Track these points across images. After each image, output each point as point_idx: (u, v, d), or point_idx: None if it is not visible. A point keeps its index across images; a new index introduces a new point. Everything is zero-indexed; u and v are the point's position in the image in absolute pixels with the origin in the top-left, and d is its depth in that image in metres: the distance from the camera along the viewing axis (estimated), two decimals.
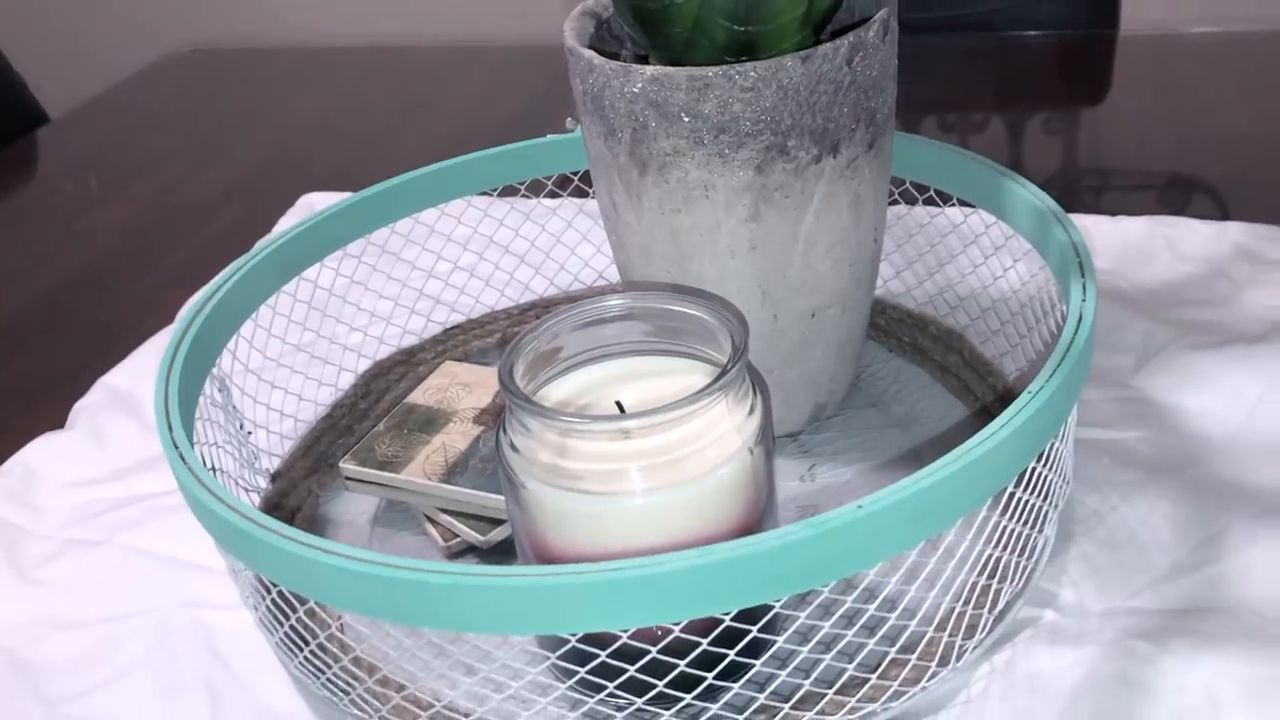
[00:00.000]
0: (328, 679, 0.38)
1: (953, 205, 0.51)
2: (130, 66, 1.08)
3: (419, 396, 0.50)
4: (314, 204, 0.72)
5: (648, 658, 0.31)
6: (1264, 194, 0.64)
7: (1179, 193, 0.67)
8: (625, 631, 0.31)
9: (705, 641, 0.31)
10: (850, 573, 0.31)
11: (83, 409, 0.56)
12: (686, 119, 0.40)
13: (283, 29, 1.67)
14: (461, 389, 0.50)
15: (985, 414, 0.48)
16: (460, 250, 0.57)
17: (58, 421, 0.56)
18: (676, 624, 0.30)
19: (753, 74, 0.39)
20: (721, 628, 0.31)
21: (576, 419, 0.33)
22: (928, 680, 0.35)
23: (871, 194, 0.44)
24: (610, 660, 0.31)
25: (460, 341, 0.56)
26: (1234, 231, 0.59)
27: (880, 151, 0.44)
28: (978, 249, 0.53)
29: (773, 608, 0.32)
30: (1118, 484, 0.44)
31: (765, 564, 0.29)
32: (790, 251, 0.43)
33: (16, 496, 0.51)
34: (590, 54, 0.42)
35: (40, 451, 0.53)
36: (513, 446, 0.34)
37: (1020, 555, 0.37)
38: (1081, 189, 0.69)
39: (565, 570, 0.29)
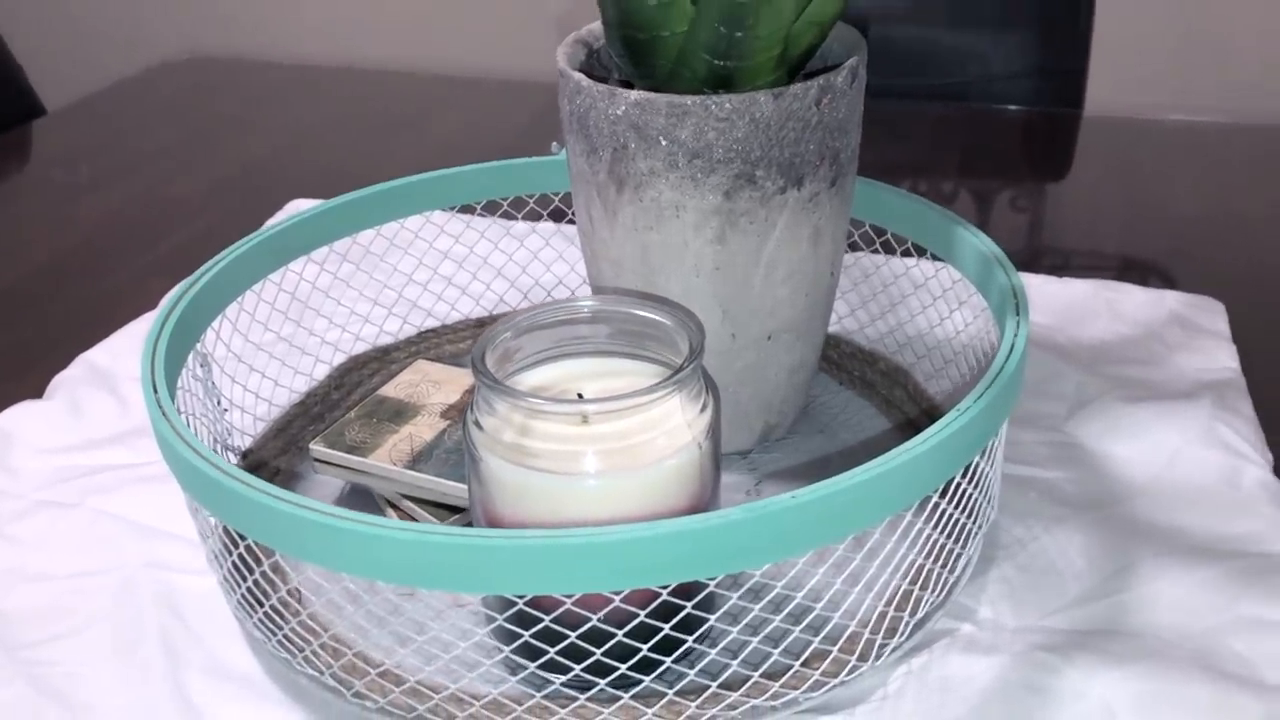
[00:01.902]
0: (282, 637, 0.40)
1: (909, 256, 0.54)
2: (130, 69, 1.11)
3: (390, 390, 0.52)
4: (301, 210, 0.75)
5: (588, 625, 0.34)
6: (1205, 270, 0.68)
7: (1129, 272, 0.70)
8: (569, 597, 0.33)
9: (643, 613, 0.33)
10: (782, 557, 0.33)
11: (62, 381, 0.58)
12: (664, 142, 0.43)
13: (281, 45, 1.71)
14: (432, 385, 0.53)
15: None
16: (441, 258, 0.60)
17: (36, 394, 0.57)
18: (617, 594, 0.33)
19: (728, 105, 0.42)
20: (658, 601, 0.33)
21: (540, 400, 0.36)
22: (847, 674, 0.38)
23: (830, 229, 0.47)
24: (553, 625, 0.33)
25: (434, 344, 0.59)
26: (1171, 300, 0.63)
27: (841, 190, 0.47)
28: (927, 292, 0.56)
29: (707, 585, 0.35)
30: (1042, 517, 0.47)
31: (703, 541, 0.32)
32: (751, 275, 0.46)
33: None
34: (579, 76, 0.45)
35: (17, 418, 0.55)
36: (477, 424, 0.37)
37: (943, 567, 0.40)
38: (1039, 266, 0.72)
39: (516, 534, 0.32)
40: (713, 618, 0.35)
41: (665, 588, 0.33)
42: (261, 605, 0.41)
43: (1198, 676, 0.38)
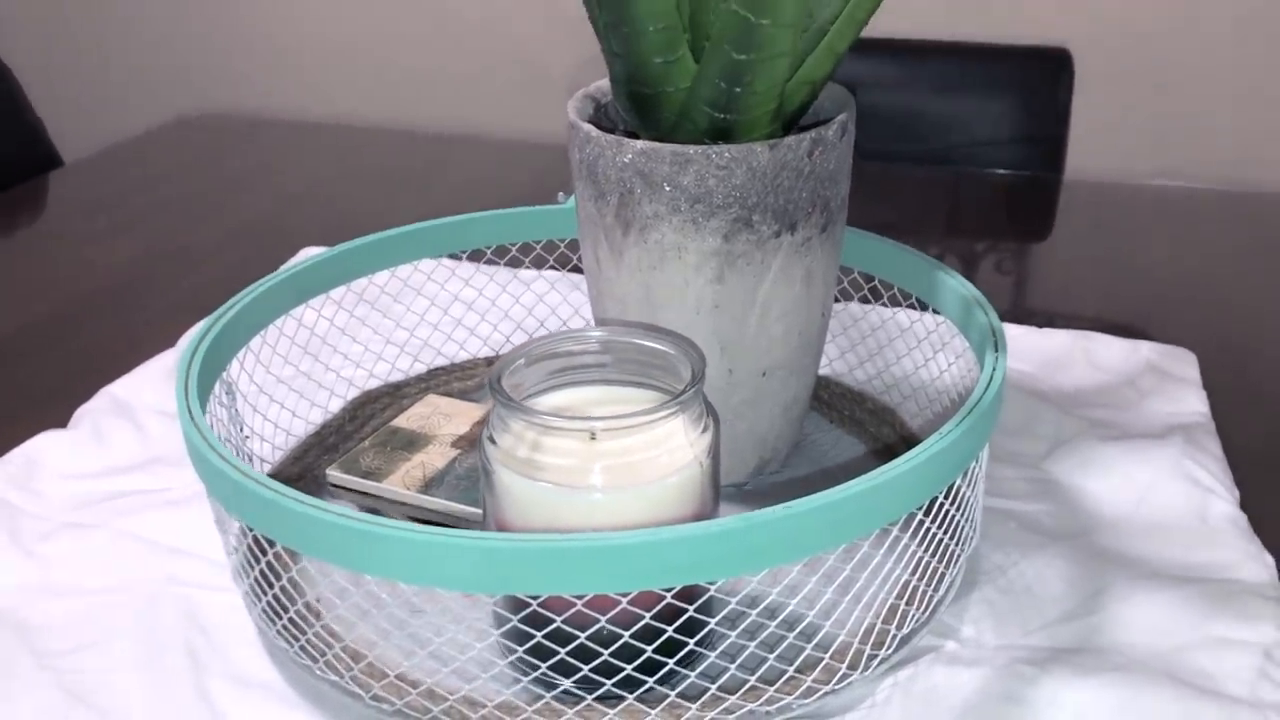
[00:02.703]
0: (304, 644, 0.42)
1: (893, 305, 0.57)
2: (145, 126, 1.15)
3: (403, 421, 0.55)
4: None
5: (596, 626, 0.36)
6: (1178, 323, 0.71)
7: (1107, 324, 0.73)
8: (580, 598, 0.36)
9: (648, 615, 0.36)
10: (777, 564, 0.36)
11: (86, 412, 0.60)
12: (668, 188, 0.46)
13: (292, 104, 1.76)
14: (443, 417, 0.55)
15: None
16: (451, 300, 0.63)
17: (60, 424, 0.60)
18: (625, 595, 0.35)
19: (727, 154, 0.45)
20: (662, 604, 0.36)
21: (552, 417, 0.39)
22: (838, 682, 0.40)
23: (822, 272, 0.50)
24: (564, 627, 0.36)
25: (443, 381, 0.62)
26: (1145, 349, 0.66)
27: (832, 236, 0.50)
28: (912, 336, 0.59)
29: (708, 590, 0.37)
30: (1021, 544, 0.50)
31: (704, 547, 0.34)
32: (748, 313, 0.49)
33: (18, 481, 0.55)
34: (589, 127, 0.48)
35: (42, 445, 0.58)
36: (492, 440, 0.39)
37: (928, 585, 0.43)
38: (1022, 320, 0.75)
39: (531, 538, 0.34)
40: (713, 621, 0.37)
41: (669, 590, 0.35)
42: (284, 614, 0.43)
43: (1165, 688, 0.41)
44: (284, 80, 1.79)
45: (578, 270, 0.66)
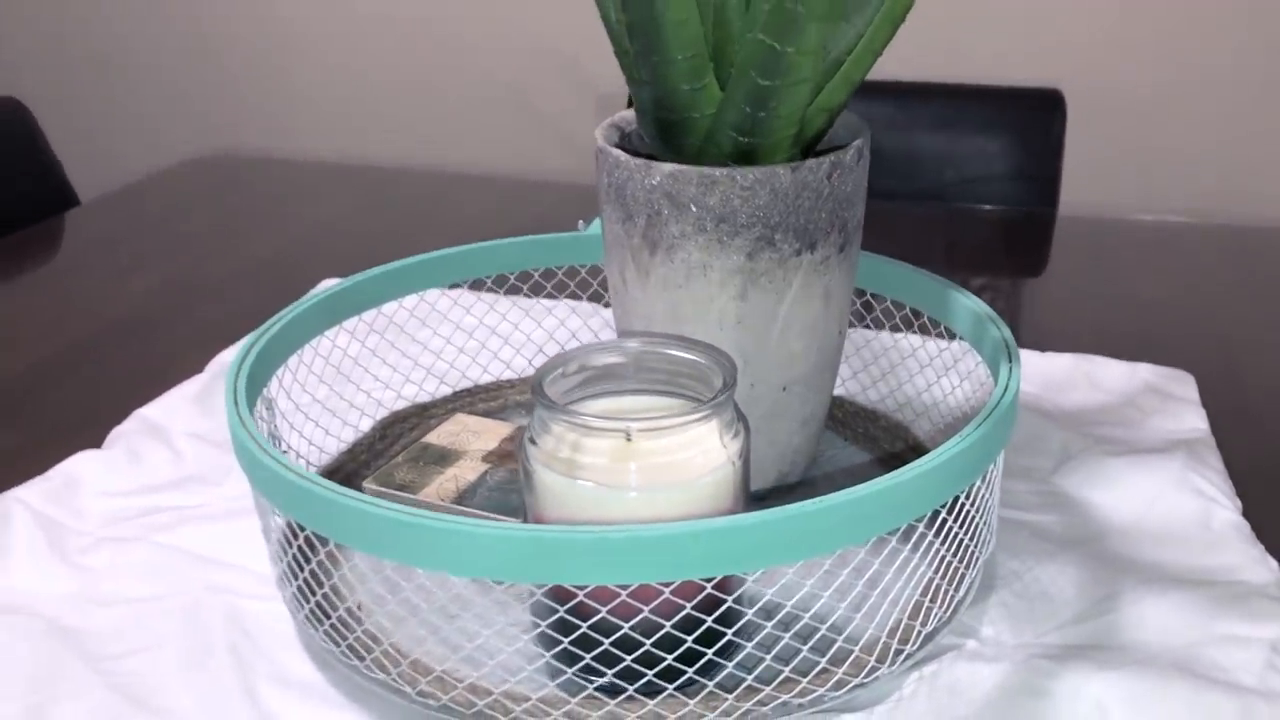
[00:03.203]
0: (349, 645, 0.43)
1: (899, 330, 0.59)
2: (159, 166, 1.17)
3: (434, 438, 0.57)
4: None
5: (639, 616, 0.38)
6: (1174, 348, 0.73)
7: (1105, 350, 0.76)
8: (624, 588, 0.37)
9: (689, 605, 0.38)
10: (810, 555, 0.37)
11: (120, 434, 0.62)
12: (694, 209, 0.49)
13: (300, 144, 1.80)
14: (471, 435, 0.57)
15: None
16: (477, 324, 0.65)
17: (95, 445, 0.61)
18: (667, 585, 0.37)
19: (751, 176, 0.48)
20: (702, 594, 0.38)
21: (591, 418, 0.40)
22: (866, 675, 0.42)
23: (839, 290, 0.52)
24: (609, 617, 0.38)
25: (467, 403, 0.64)
26: (1144, 371, 0.68)
27: (848, 255, 0.52)
28: (920, 358, 0.61)
29: (746, 580, 0.39)
30: (1034, 552, 0.51)
31: (743, 537, 0.36)
32: (770, 329, 0.51)
33: (58, 498, 0.56)
34: (618, 152, 0.51)
35: (80, 464, 0.59)
36: (533, 441, 0.41)
37: (950, 584, 0.45)
38: (1022, 347, 0.78)
39: (579, 529, 0.36)
40: (750, 612, 0.39)
41: (709, 580, 0.37)
42: (329, 617, 0.44)
43: (1180, 679, 0.42)
44: (293, 121, 1.83)
45: (597, 297, 0.68)
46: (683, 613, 0.38)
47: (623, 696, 0.40)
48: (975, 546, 0.45)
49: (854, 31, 0.50)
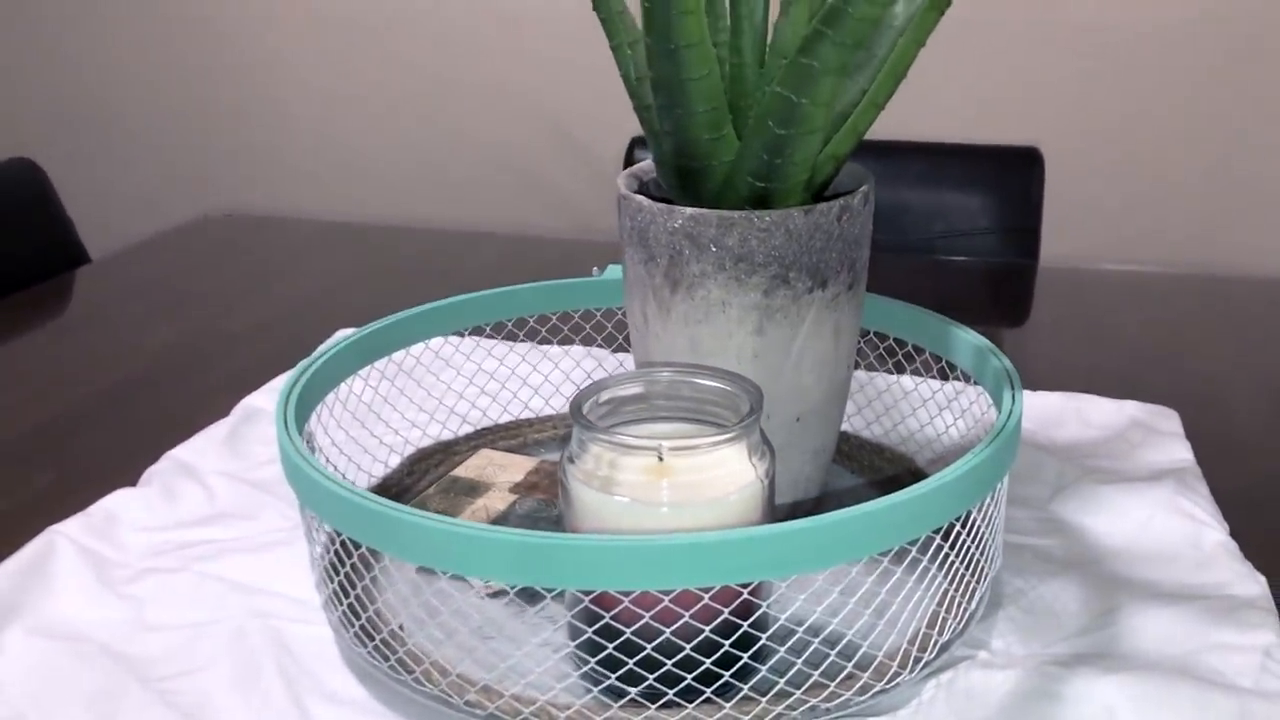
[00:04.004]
0: (395, 661, 0.45)
1: (906, 364, 0.63)
2: (166, 225, 1.20)
3: (462, 471, 0.59)
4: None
5: (680, 621, 0.40)
6: (1156, 388, 0.77)
7: (1091, 391, 0.80)
8: (667, 593, 0.40)
9: (726, 610, 0.40)
10: (839, 562, 0.40)
11: (154, 473, 0.64)
12: (714, 249, 0.52)
13: (304, 204, 1.84)
14: (497, 468, 0.60)
15: None
16: (497, 364, 0.68)
17: (130, 484, 0.64)
18: (707, 591, 0.40)
19: (768, 219, 0.51)
20: (739, 600, 0.40)
21: (626, 437, 0.43)
22: (889, 680, 0.44)
23: (848, 325, 0.56)
24: (651, 623, 0.40)
25: (489, 441, 0.66)
26: (1131, 408, 0.72)
27: (856, 294, 0.56)
28: (918, 396, 0.65)
29: (780, 587, 0.41)
30: (1037, 571, 0.54)
31: (776, 545, 0.39)
32: (784, 363, 0.54)
33: (99, 532, 0.58)
34: (641, 197, 0.54)
35: (118, 501, 0.61)
36: (571, 460, 0.44)
37: (963, 596, 0.47)
38: None
39: (625, 538, 0.39)
40: (783, 617, 0.42)
41: (746, 586, 0.40)
42: (375, 637, 0.47)
43: (1181, 682, 0.45)
44: (297, 183, 1.88)
45: (611, 339, 0.71)
46: (720, 618, 0.40)
47: (662, 701, 0.42)
48: (985, 561, 0.48)
49: (859, 87, 0.55)
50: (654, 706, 0.42)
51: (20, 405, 0.77)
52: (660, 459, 0.44)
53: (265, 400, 0.73)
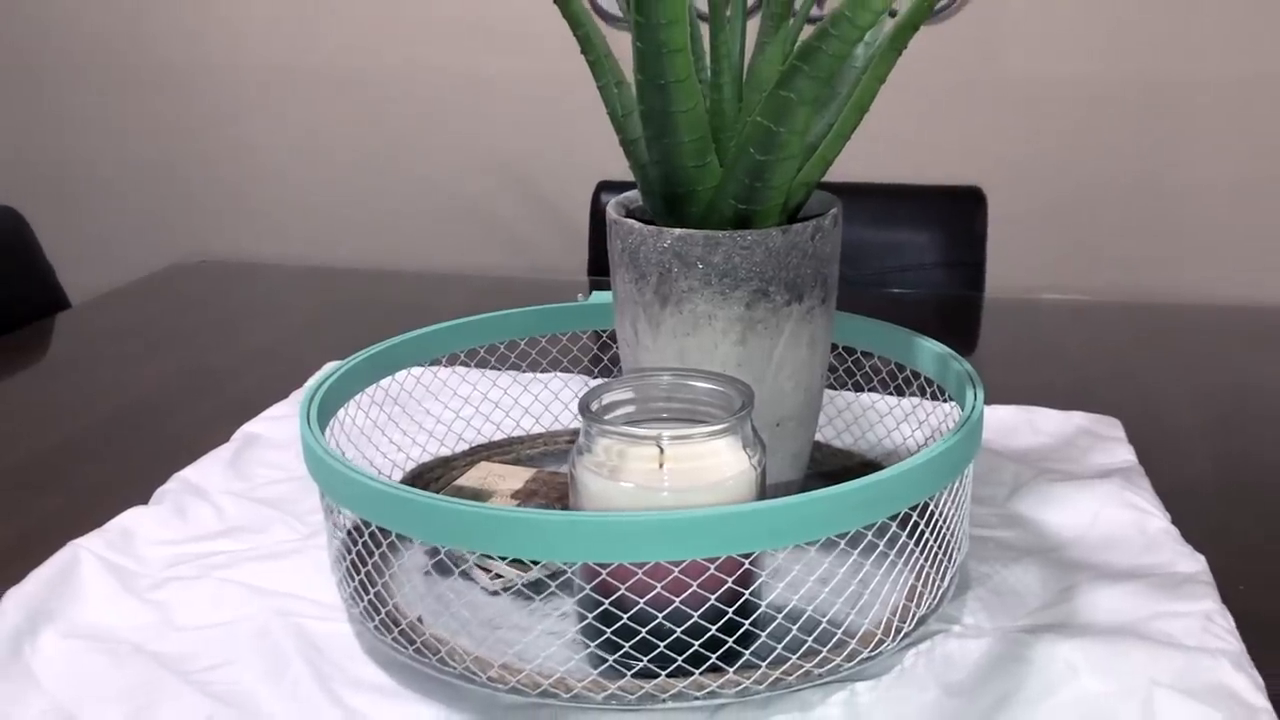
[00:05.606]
0: (419, 646, 0.49)
1: (858, 390, 0.68)
2: (141, 272, 1.23)
3: (465, 480, 0.63)
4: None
5: (689, 590, 0.45)
6: (1100, 403, 0.83)
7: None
8: (678, 564, 0.44)
9: (730, 579, 0.45)
10: (831, 532, 0.45)
11: (165, 492, 0.67)
12: (700, 266, 0.57)
13: (279, 251, 1.88)
14: (498, 477, 0.64)
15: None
16: (491, 384, 0.72)
17: (141, 503, 0.67)
18: (713, 561, 0.44)
19: (750, 237, 0.56)
20: (741, 570, 0.45)
21: (629, 428, 0.48)
22: (874, 648, 0.49)
23: (822, 336, 0.61)
24: (663, 592, 0.44)
25: (484, 456, 0.70)
26: (1078, 418, 0.78)
27: (828, 307, 0.61)
28: (882, 407, 0.70)
29: (778, 558, 0.46)
30: (1000, 558, 0.59)
31: (776, 517, 0.44)
32: (765, 371, 0.59)
33: (118, 546, 0.61)
34: (631, 221, 0.59)
35: (132, 518, 0.64)
36: (580, 452, 0.48)
37: (937, 574, 0.52)
38: None
39: (638, 515, 0.43)
40: (780, 585, 0.46)
41: (748, 557, 0.44)
42: (396, 626, 0.50)
43: (1135, 642, 0.50)
44: (268, 231, 1.92)
45: (596, 361, 0.76)
46: (724, 586, 0.45)
47: (672, 666, 0.46)
48: (954, 542, 0.53)
49: (825, 122, 0.60)
50: (664, 673, 0.46)
51: (17, 436, 0.79)
52: (660, 449, 0.48)
53: (263, 427, 0.76)
